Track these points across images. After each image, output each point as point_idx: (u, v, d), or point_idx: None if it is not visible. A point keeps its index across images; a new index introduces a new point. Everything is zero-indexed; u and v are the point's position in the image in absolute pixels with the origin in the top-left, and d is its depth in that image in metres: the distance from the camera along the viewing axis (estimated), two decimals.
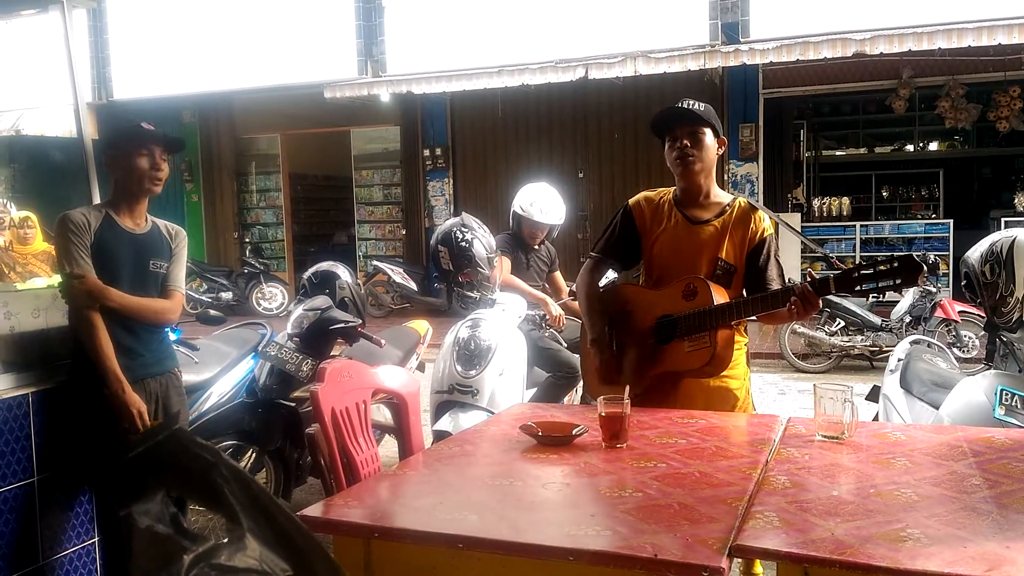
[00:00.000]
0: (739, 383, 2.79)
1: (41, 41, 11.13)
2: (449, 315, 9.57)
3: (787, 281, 2.82)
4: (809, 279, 2.51)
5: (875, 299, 8.22)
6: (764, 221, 2.79)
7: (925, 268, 2.40)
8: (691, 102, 2.76)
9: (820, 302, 2.50)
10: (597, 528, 1.67)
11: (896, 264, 2.38)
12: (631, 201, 2.93)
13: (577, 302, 3.14)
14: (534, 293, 4.50)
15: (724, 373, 2.72)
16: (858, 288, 2.44)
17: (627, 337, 2.80)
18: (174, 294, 2.98)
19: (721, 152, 2.81)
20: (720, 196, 2.84)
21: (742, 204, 2.81)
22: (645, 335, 2.74)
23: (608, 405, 2.26)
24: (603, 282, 3.14)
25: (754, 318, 2.70)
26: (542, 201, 4.65)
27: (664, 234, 2.81)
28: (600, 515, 1.75)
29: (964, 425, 2.56)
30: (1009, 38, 7.98)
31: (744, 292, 2.79)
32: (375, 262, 11.84)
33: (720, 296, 2.64)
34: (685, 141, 2.71)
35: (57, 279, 3.11)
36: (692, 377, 2.71)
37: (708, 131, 2.73)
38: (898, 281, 2.38)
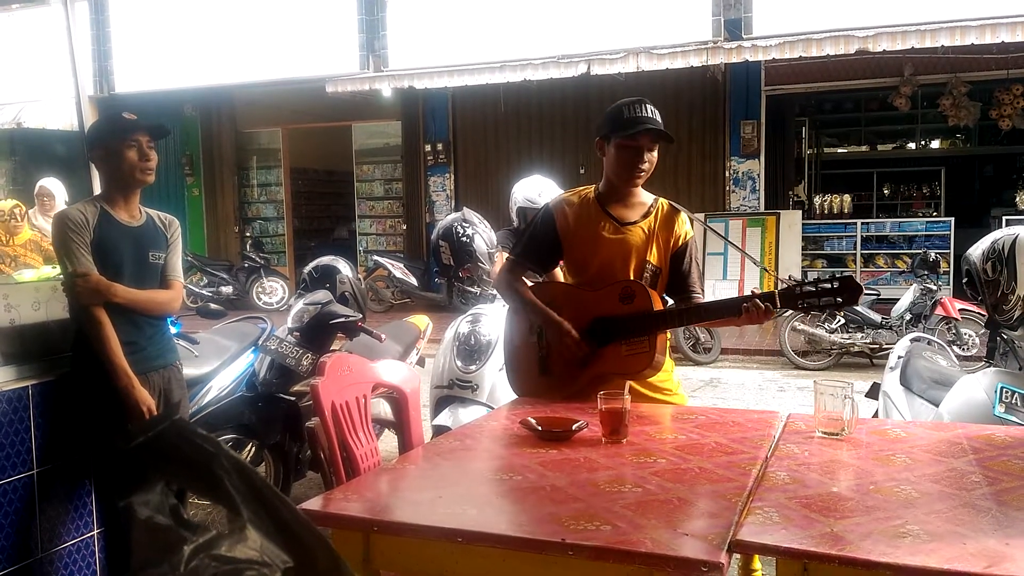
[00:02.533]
0: (667, 375, 2.82)
1: (43, 34, 11.14)
2: (449, 310, 9.58)
3: (703, 285, 2.87)
4: (755, 294, 2.55)
5: (875, 296, 8.22)
6: (686, 224, 2.82)
7: (864, 289, 2.50)
8: (650, 108, 2.69)
9: (772, 315, 2.55)
10: (596, 523, 1.67)
11: (838, 284, 2.47)
12: (552, 204, 2.89)
13: (501, 296, 3.07)
14: None
15: None
16: (801, 304, 2.52)
17: (559, 339, 2.76)
18: (174, 283, 2.98)
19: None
20: (643, 196, 2.84)
21: (664, 206, 2.82)
22: (579, 338, 2.71)
23: (608, 400, 2.26)
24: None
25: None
26: (547, 190, 4.66)
27: (591, 236, 2.78)
28: (599, 510, 1.75)
29: (964, 422, 2.56)
30: (1012, 36, 7.97)
31: (665, 294, 2.83)
32: (375, 257, 11.84)
33: (656, 302, 2.66)
34: (648, 155, 2.69)
35: (47, 271, 3.11)
36: (628, 379, 2.66)
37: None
38: (839, 300, 2.47)
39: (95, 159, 2.92)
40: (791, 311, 2.82)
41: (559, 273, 4.88)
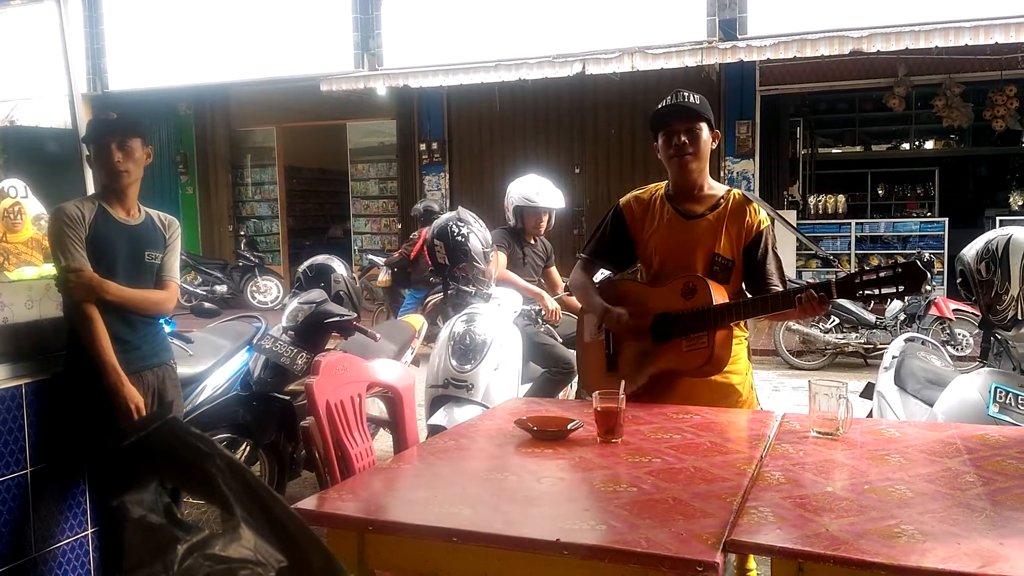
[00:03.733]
0: (741, 378, 2.77)
1: (36, 31, 11.09)
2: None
3: (785, 276, 2.81)
4: (811, 285, 2.46)
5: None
6: (760, 213, 2.75)
7: (929, 276, 2.36)
8: (686, 94, 2.71)
9: (827, 306, 2.47)
10: (591, 522, 1.67)
11: (900, 271, 2.33)
12: (621, 201, 2.90)
13: (573, 297, 3.12)
14: (530, 288, 4.49)
15: (726, 368, 2.69)
16: (859, 294, 2.39)
17: (624, 333, 2.76)
18: (169, 284, 2.98)
19: (716, 145, 2.76)
20: (714, 188, 2.80)
21: (736, 196, 2.77)
22: (642, 332, 2.70)
23: (603, 400, 2.26)
24: (598, 278, 3.13)
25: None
26: (543, 189, 4.67)
27: (658, 231, 2.77)
28: (594, 509, 1.75)
29: (958, 422, 2.57)
30: (1006, 37, 7.99)
31: (744, 287, 2.76)
32: (370, 256, 11.83)
33: (719, 295, 2.60)
34: (683, 138, 2.67)
35: (48, 268, 3.10)
36: (690, 376, 2.68)
37: (704, 125, 2.69)
38: (901, 288, 2.33)
39: (90, 160, 2.93)
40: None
41: (555, 276, 4.93)
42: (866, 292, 2.37)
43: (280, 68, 10.78)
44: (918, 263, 2.34)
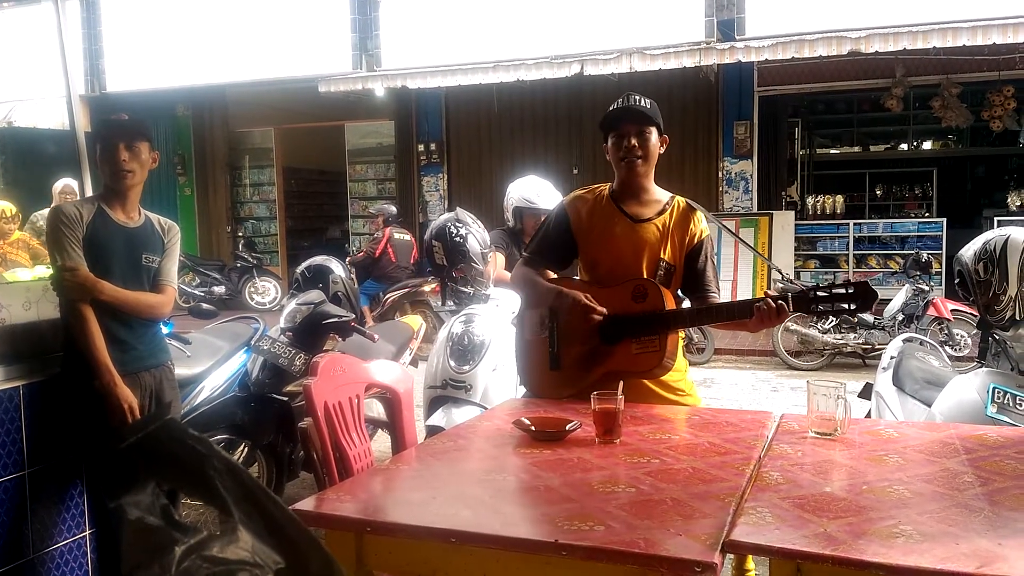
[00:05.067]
0: (680, 375, 2.80)
1: (34, 32, 11.09)
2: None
3: (719, 285, 2.87)
4: (768, 296, 2.52)
5: None
6: (702, 222, 2.81)
7: (879, 296, 2.46)
8: (637, 97, 2.75)
9: (784, 318, 2.52)
10: (590, 523, 1.67)
11: (853, 290, 2.43)
12: (566, 201, 2.92)
13: (516, 290, 3.08)
14: None
15: None
16: (814, 307, 2.48)
17: (570, 333, 2.74)
18: (166, 288, 2.97)
19: (663, 150, 2.80)
20: (659, 194, 2.84)
21: (681, 204, 2.82)
22: (589, 333, 2.70)
23: (602, 400, 2.26)
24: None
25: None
26: (544, 190, 4.67)
27: (604, 232, 2.79)
28: (592, 510, 1.75)
29: (956, 422, 2.57)
30: (1003, 38, 8.00)
31: (680, 292, 2.82)
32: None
33: (669, 301, 2.65)
34: (632, 140, 2.72)
35: (42, 270, 3.10)
36: (638, 377, 2.68)
37: (653, 130, 2.74)
38: (853, 306, 2.44)
39: (97, 160, 2.94)
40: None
41: (552, 277, 4.92)
42: (820, 307, 2.48)
43: (278, 69, 10.78)
44: (868, 283, 2.47)
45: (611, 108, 2.78)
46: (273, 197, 13.78)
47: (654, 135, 2.75)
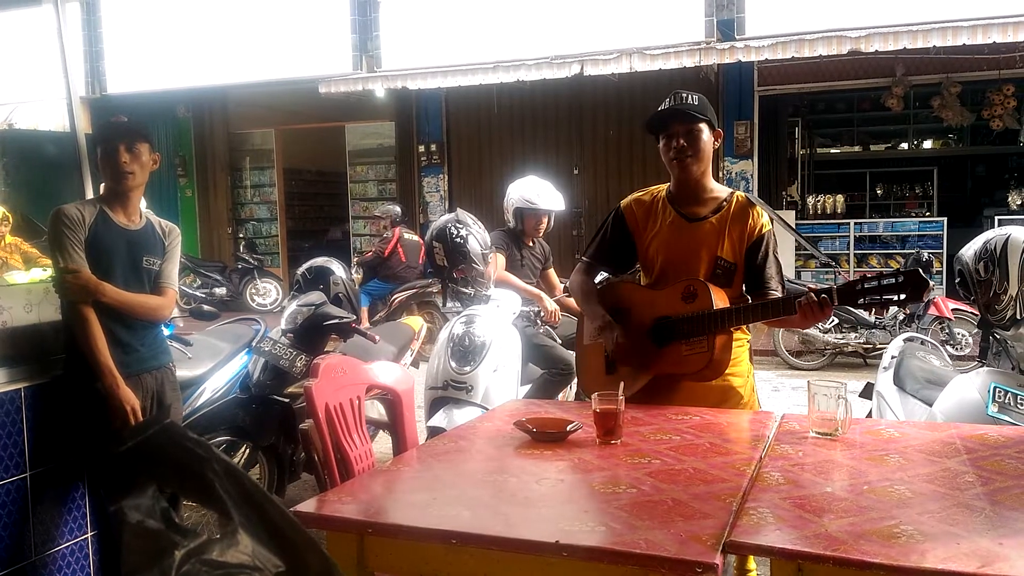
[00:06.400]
0: (742, 380, 2.76)
1: (34, 34, 11.09)
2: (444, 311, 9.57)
3: (784, 280, 2.79)
4: (812, 290, 2.44)
5: None
6: (763, 216, 2.73)
7: (931, 284, 2.29)
8: (685, 95, 2.69)
9: (829, 313, 2.44)
10: (591, 524, 1.67)
11: (903, 278, 2.30)
12: (623, 203, 2.88)
13: (572, 299, 3.10)
14: (529, 289, 4.49)
15: (727, 371, 2.68)
16: (861, 301, 2.36)
17: (624, 336, 2.73)
18: (167, 291, 2.97)
19: (718, 145, 2.74)
20: (717, 190, 2.78)
21: (740, 199, 2.75)
22: (642, 335, 2.69)
23: (602, 401, 2.25)
24: (597, 279, 3.12)
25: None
26: (544, 191, 4.67)
27: (660, 233, 2.75)
28: (594, 511, 1.75)
29: (957, 422, 2.57)
30: (1003, 36, 7.99)
31: (744, 289, 2.75)
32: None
33: (720, 300, 2.58)
34: (682, 140, 2.65)
35: (37, 273, 3.10)
36: (690, 380, 2.67)
37: (704, 126, 2.67)
38: (903, 296, 2.30)
39: (97, 162, 2.94)
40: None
41: (553, 277, 4.92)
42: (869, 299, 2.35)
43: (278, 70, 10.78)
44: (920, 271, 2.30)
45: (660, 108, 2.71)
46: (274, 198, 13.78)
47: (705, 132, 2.67)
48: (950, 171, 14.36)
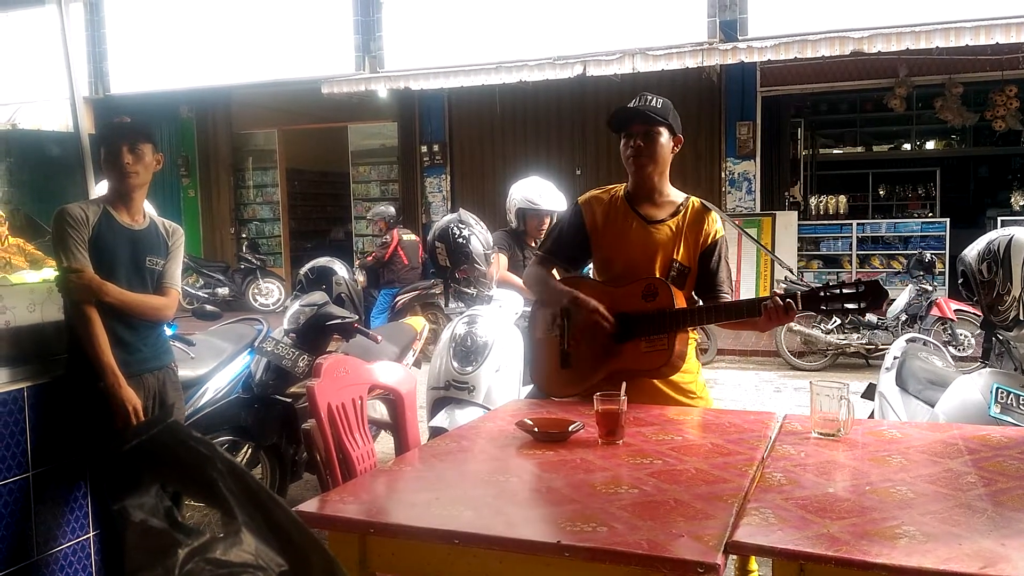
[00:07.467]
0: (692, 377, 2.80)
1: (38, 35, 11.10)
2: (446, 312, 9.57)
3: (733, 285, 2.85)
4: (777, 294, 2.50)
5: None
6: (717, 223, 2.79)
7: (889, 295, 2.43)
8: (651, 97, 2.74)
9: (792, 316, 2.50)
10: (593, 524, 1.67)
11: (863, 288, 2.41)
12: (580, 200, 2.91)
13: (529, 289, 3.08)
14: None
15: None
16: (823, 308, 2.47)
17: (580, 331, 2.75)
18: (170, 291, 2.98)
19: (676, 150, 2.78)
20: (673, 195, 2.83)
21: (695, 205, 2.80)
22: (600, 331, 2.70)
23: (604, 402, 2.26)
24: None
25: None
26: (547, 191, 4.67)
27: (618, 233, 2.78)
28: (595, 511, 1.75)
29: (960, 423, 2.57)
30: (1007, 37, 7.98)
31: (694, 294, 2.80)
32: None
33: (679, 300, 2.64)
34: (639, 141, 2.71)
35: (47, 273, 3.11)
36: (646, 377, 2.70)
37: (664, 130, 2.72)
38: (863, 305, 2.41)
39: (101, 162, 2.95)
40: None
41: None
42: (830, 306, 2.46)
43: (281, 71, 10.80)
44: (879, 282, 2.42)
45: (624, 106, 2.77)
46: (277, 199, 13.79)
47: (664, 135, 2.72)
48: (953, 172, 14.36)
